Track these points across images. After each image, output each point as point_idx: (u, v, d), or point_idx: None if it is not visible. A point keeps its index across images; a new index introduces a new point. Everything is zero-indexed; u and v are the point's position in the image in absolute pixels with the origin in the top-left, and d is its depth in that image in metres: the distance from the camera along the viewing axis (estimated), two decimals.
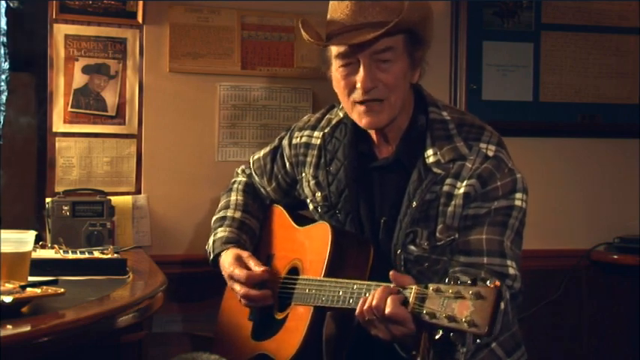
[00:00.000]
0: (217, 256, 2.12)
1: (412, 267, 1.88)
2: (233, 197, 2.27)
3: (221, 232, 2.16)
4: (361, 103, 1.88)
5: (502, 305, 1.70)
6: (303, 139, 2.13)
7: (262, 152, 2.29)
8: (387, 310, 1.56)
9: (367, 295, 1.66)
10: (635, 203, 3.21)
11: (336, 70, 1.91)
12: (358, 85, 1.85)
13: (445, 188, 1.85)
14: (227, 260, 2.07)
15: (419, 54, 1.91)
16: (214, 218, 2.24)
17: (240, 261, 2.04)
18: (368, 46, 1.83)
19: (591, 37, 3.19)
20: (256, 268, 2.00)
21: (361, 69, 1.85)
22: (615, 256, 3.10)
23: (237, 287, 2.02)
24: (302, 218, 2.15)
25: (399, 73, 1.87)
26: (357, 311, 1.64)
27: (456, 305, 1.45)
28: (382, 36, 1.81)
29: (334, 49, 1.90)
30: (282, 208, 2.22)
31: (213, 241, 2.15)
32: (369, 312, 1.61)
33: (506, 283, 1.78)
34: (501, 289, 1.46)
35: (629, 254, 3.04)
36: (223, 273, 2.08)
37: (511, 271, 1.80)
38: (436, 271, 1.87)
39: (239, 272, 2.00)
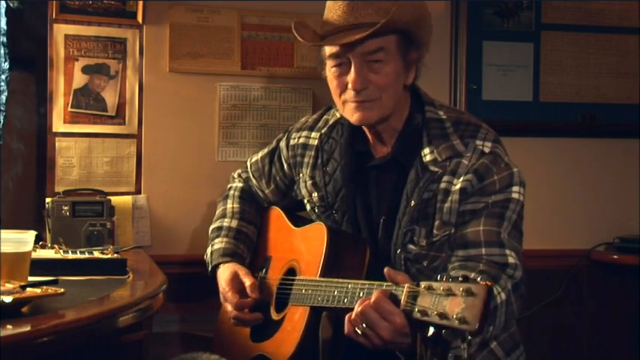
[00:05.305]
0: (216, 267, 2.13)
1: (411, 265, 1.88)
2: (229, 205, 2.27)
3: (218, 244, 2.16)
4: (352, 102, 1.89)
5: (499, 299, 1.71)
6: (301, 140, 2.13)
7: (260, 155, 2.29)
8: (375, 302, 1.55)
9: (362, 294, 1.66)
10: (635, 203, 3.21)
11: (329, 70, 1.92)
12: (350, 85, 1.86)
13: (442, 185, 1.85)
14: (223, 277, 2.08)
15: (413, 55, 1.91)
16: (211, 227, 2.25)
17: (235, 280, 2.05)
18: (359, 47, 1.83)
19: (591, 37, 3.19)
20: (249, 290, 2.01)
21: (352, 69, 1.85)
22: (615, 256, 3.10)
23: (229, 308, 2.05)
24: (299, 219, 2.15)
25: (391, 74, 1.87)
26: (345, 330, 1.61)
27: (447, 302, 1.45)
28: (370, 36, 1.80)
29: (327, 50, 1.90)
30: (279, 210, 2.22)
31: (211, 252, 2.16)
32: (357, 318, 1.58)
33: (507, 273, 1.78)
34: (492, 287, 1.46)
35: (629, 254, 3.04)
36: (219, 288, 2.10)
37: (511, 260, 1.79)
38: (435, 269, 1.86)
39: (232, 297, 2.02)
